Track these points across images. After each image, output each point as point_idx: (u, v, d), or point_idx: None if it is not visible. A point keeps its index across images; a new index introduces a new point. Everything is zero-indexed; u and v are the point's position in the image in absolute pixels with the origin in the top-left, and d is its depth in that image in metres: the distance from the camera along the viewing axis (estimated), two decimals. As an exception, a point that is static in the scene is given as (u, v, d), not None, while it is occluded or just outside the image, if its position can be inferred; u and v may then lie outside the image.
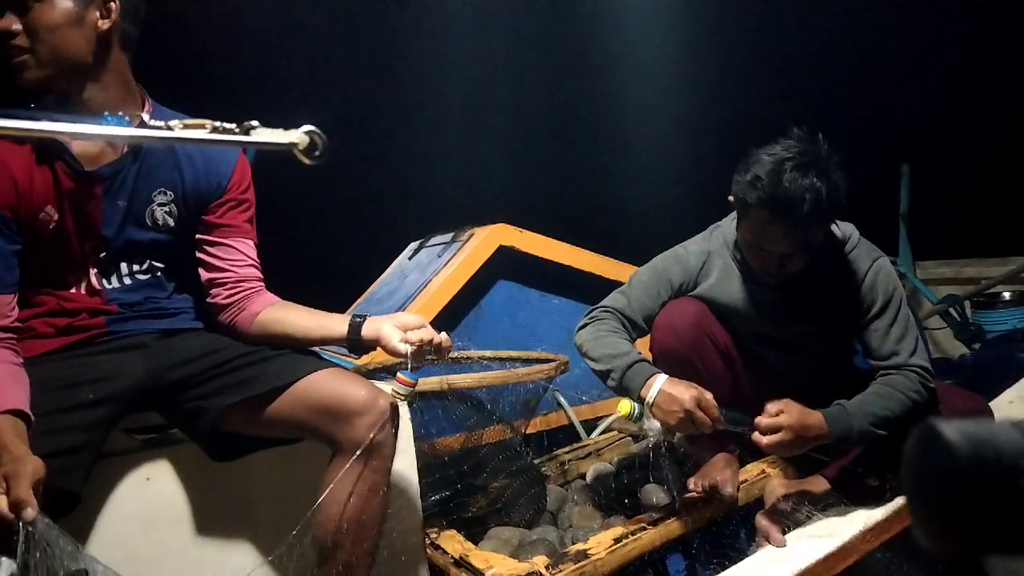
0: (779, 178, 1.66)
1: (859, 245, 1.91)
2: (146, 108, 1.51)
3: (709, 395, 1.69)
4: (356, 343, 1.53)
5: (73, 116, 1.37)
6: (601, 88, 7.49)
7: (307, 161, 1.04)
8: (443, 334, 1.51)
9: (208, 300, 1.59)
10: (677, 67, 6.90)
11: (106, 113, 1.08)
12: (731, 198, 1.82)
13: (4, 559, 1.07)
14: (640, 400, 1.76)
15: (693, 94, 6.80)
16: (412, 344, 1.46)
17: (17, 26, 1.33)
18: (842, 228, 1.92)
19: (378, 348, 1.55)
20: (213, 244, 1.57)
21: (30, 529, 1.06)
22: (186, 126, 1.00)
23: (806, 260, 1.80)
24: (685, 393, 1.68)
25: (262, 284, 1.62)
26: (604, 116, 7.42)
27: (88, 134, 1.19)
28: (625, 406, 1.77)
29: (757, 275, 1.89)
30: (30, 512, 1.07)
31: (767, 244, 1.76)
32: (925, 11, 5.70)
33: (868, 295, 1.86)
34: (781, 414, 1.66)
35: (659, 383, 1.73)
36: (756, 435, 1.67)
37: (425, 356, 1.50)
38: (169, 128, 0.99)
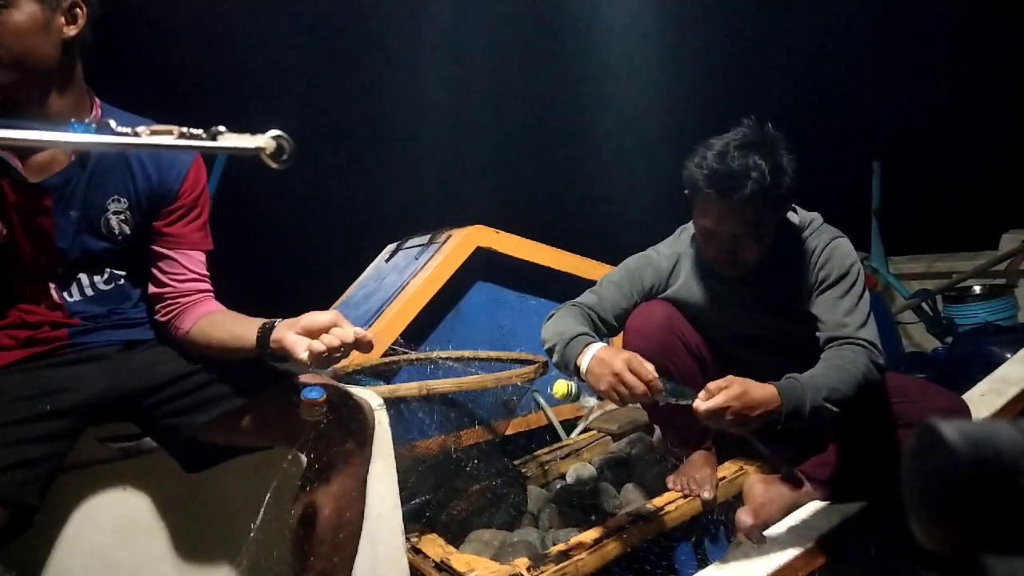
0: (723, 157, 1.71)
1: (819, 229, 1.90)
2: (94, 110, 1.44)
3: (649, 366, 1.58)
4: (268, 354, 1.40)
5: (29, 124, 1.31)
6: (579, 91, 7.52)
7: (274, 165, 1.03)
8: (358, 329, 1.35)
9: (155, 317, 1.53)
10: (654, 71, 6.96)
11: (72, 120, 1.05)
12: (686, 191, 1.82)
13: None
14: (576, 371, 1.71)
15: (669, 97, 6.85)
16: (315, 353, 1.31)
17: None
18: (801, 215, 1.93)
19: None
20: (159, 257, 1.51)
21: None
22: (153, 132, 0.98)
23: (760, 246, 1.79)
24: (617, 357, 1.60)
25: (205, 294, 1.54)
26: (581, 119, 7.46)
27: (52, 142, 1.15)
28: (561, 386, 1.66)
29: (722, 272, 1.88)
30: None
31: (716, 226, 1.76)
32: (897, 11, 5.78)
33: (823, 269, 1.83)
34: (723, 390, 1.53)
35: (593, 350, 1.67)
36: (696, 404, 1.53)
37: (334, 361, 1.36)
38: (136, 134, 0.97)
